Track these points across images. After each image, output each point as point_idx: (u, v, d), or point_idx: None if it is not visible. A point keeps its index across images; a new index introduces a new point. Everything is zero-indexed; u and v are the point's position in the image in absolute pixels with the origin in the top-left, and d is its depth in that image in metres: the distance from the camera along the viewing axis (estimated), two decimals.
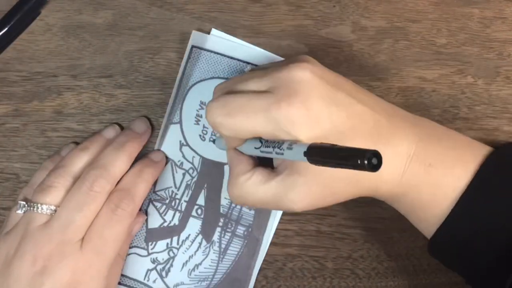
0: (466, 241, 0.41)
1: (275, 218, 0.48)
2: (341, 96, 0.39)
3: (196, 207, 0.48)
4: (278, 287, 0.49)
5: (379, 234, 0.49)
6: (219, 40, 0.49)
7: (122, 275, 0.48)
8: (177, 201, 0.48)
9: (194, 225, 0.48)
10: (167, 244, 0.48)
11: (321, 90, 0.38)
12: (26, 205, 0.43)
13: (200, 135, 0.48)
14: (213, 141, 0.48)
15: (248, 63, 0.48)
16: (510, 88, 0.50)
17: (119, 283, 0.47)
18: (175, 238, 0.48)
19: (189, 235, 0.48)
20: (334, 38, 0.49)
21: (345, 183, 0.40)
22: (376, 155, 0.30)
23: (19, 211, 0.43)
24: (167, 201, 0.48)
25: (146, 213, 0.48)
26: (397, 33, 0.49)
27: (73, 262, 0.41)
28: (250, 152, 0.42)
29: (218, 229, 0.48)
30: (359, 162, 0.30)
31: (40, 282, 0.40)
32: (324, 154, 0.33)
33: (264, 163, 0.43)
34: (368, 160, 0.30)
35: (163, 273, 0.48)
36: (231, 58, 0.48)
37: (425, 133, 0.41)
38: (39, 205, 0.42)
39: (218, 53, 0.48)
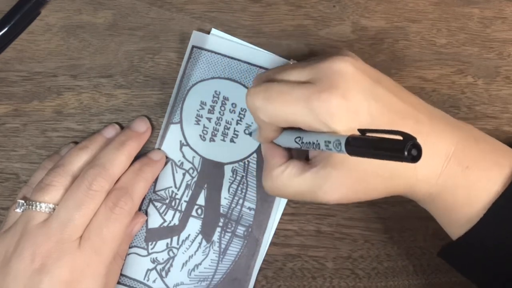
0: (493, 247, 0.40)
1: (275, 218, 0.48)
2: (381, 91, 0.39)
3: (196, 207, 0.48)
4: (278, 287, 0.49)
5: (379, 234, 0.49)
6: (219, 40, 0.49)
7: (122, 275, 0.48)
8: (177, 201, 0.48)
9: (194, 225, 0.48)
10: (167, 244, 0.48)
11: (362, 84, 0.38)
12: (25, 204, 0.43)
13: (200, 135, 0.48)
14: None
15: (248, 63, 0.48)
16: (510, 88, 0.49)
17: (119, 283, 0.47)
18: (175, 238, 0.48)
19: (189, 235, 0.48)
20: (334, 38, 0.49)
21: (380, 179, 0.39)
22: (416, 146, 0.29)
23: (18, 210, 0.43)
24: (167, 201, 0.48)
25: (146, 213, 0.48)
26: (397, 33, 0.49)
27: (71, 260, 0.41)
28: (286, 144, 0.42)
29: (218, 229, 0.48)
30: (398, 153, 0.29)
31: (38, 280, 0.40)
32: (363, 145, 0.32)
33: (299, 157, 0.43)
34: (408, 151, 0.29)
35: (163, 273, 0.48)
36: (231, 58, 0.48)
37: (463, 135, 0.41)
38: (38, 203, 0.42)
39: (218, 53, 0.48)
